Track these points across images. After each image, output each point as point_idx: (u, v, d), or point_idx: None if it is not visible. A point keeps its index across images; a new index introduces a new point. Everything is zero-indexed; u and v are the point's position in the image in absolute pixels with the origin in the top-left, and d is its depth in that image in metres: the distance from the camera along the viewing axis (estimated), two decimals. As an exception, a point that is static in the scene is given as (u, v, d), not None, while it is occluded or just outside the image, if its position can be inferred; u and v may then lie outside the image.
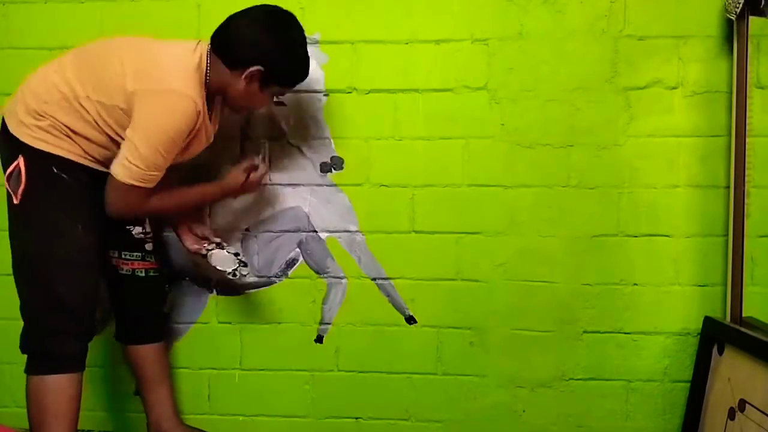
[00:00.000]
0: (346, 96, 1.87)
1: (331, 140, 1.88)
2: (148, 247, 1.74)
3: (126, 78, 1.45)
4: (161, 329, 1.82)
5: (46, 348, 1.51)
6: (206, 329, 1.93)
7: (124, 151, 1.45)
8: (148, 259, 1.74)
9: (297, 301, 1.91)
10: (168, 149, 1.47)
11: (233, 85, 1.53)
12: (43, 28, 1.90)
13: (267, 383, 1.93)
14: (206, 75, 1.52)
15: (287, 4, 1.85)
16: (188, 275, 1.93)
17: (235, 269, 1.73)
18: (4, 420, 1.92)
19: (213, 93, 1.56)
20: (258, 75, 1.52)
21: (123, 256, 1.71)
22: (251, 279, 1.91)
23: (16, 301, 1.53)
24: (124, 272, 1.71)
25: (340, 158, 1.88)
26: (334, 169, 1.89)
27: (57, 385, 1.50)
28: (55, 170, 1.49)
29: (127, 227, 1.69)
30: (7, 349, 1.55)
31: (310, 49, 1.63)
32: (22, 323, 1.53)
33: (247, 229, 1.91)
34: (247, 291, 1.92)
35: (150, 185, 1.50)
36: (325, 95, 1.87)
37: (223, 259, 1.73)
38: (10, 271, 1.51)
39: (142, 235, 1.72)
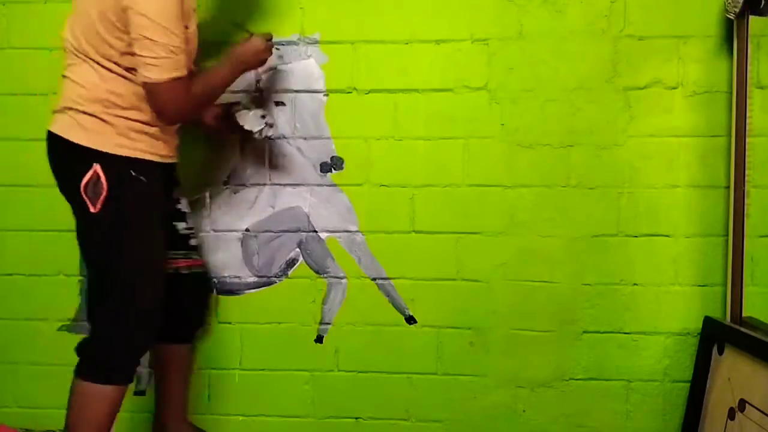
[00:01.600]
0: (346, 96, 1.87)
1: (331, 140, 1.88)
2: (193, 242, 1.74)
3: None
4: (199, 330, 1.82)
5: (115, 360, 1.49)
6: (206, 329, 1.93)
7: (141, 53, 1.42)
8: (193, 256, 1.73)
9: (297, 301, 1.91)
10: (174, 24, 1.43)
11: None
12: (43, 28, 1.90)
13: (267, 383, 1.93)
14: None
15: (287, 3, 1.86)
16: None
17: (262, 129, 1.70)
18: (4, 420, 1.92)
19: None
20: None
21: (168, 255, 1.67)
22: (251, 279, 1.91)
23: (16, 301, 1.53)
24: (170, 271, 1.66)
25: (340, 158, 1.88)
26: (334, 169, 1.89)
27: (109, 394, 1.49)
28: (134, 173, 1.48)
29: (173, 223, 1.68)
30: (7, 349, 1.54)
31: (311, 49, 1.63)
32: (23, 323, 1.53)
33: (247, 229, 1.91)
34: (247, 291, 1.92)
35: (184, 71, 1.46)
36: (325, 95, 1.87)
37: (251, 119, 1.69)
38: (10, 271, 1.52)
39: (187, 231, 1.72)
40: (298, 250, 1.90)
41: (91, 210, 1.46)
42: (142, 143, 1.50)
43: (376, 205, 1.87)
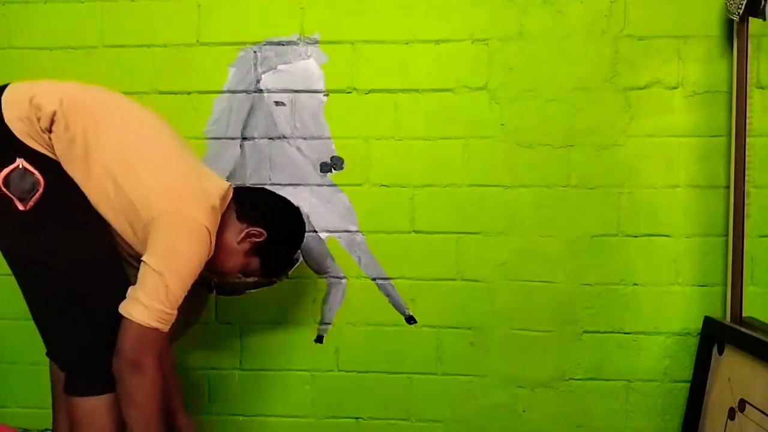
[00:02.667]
0: (346, 96, 1.87)
1: (331, 140, 1.88)
2: None
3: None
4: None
5: (104, 366, 1.35)
6: (206, 329, 1.93)
7: (141, 288, 1.30)
8: None
9: (297, 301, 1.91)
10: (189, 280, 1.34)
11: (226, 232, 1.47)
12: (43, 28, 1.90)
13: (267, 383, 1.93)
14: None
15: (287, 3, 1.86)
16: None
17: None
18: (4, 420, 1.92)
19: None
20: (255, 236, 1.50)
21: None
22: (251, 279, 1.91)
23: (16, 301, 1.52)
24: None
25: (340, 158, 1.88)
26: (334, 169, 1.89)
27: (113, 401, 1.38)
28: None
29: None
30: (7, 349, 1.54)
31: (311, 49, 1.63)
32: (23, 323, 1.52)
33: (247, 229, 1.91)
34: (247, 291, 1.92)
35: (167, 328, 1.33)
36: (325, 95, 1.87)
37: None
38: (10, 271, 1.51)
39: None
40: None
41: (21, 208, 1.32)
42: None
43: (376, 205, 1.87)
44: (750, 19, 1.68)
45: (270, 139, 1.89)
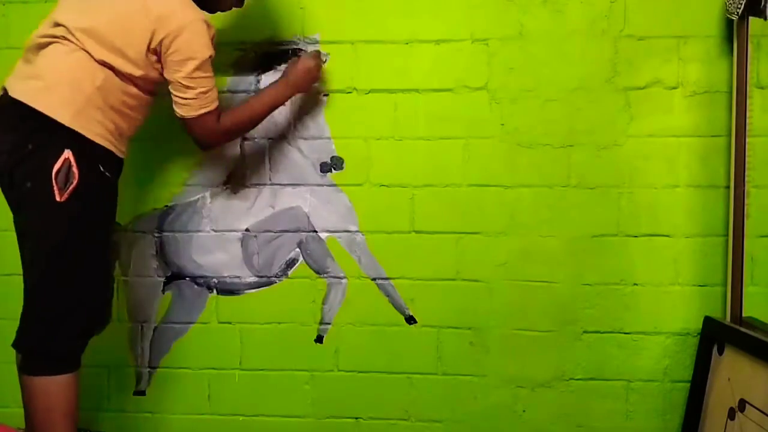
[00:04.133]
0: (346, 96, 1.87)
1: (331, 140, 1.88)
2: None
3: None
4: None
5: (63, 348, 1.49)
6: (206, 329, 1.93)
7: (178, 92, 1.53)
8: None
9: (297, 301, 1.91)
10: (208, 69, 1.54)
11: None
12: (43, 28, 1.90)
13: (267, 383, 1.93)
14: None
15: (287, 4, 1.86)
16: (188, 275, 1.93)
17: None
18: (4, 420, 1.92)
19: None
20: None
21: None
22: (251, 279, 1.91)
23: (17, 301, 1.52)
24: None
25: (340, 158, 1.88)
26: (334, 169, 1.89)
27: (66, 383, 1.49)
28: (102, 168, 1.48)
29: None
30: (7, 349, 1.54)
31: (311, 49, 1.63)
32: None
33: (247, 229, 1.91)
34: (247, 291, 1.92)
35: (212, 106, 1.57)
36: (325, 95, 1.87)
37: None
38: (10, 271, 1.51)
39: None
40: (298, 250, 1.90)
41: (57, 198, 1.42)
42: (114, 135, 1.51)
43: (376, 205, 1.87)
44: (750, 18, 1.68)
45: (270, 139, 1.89)
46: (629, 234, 1.83)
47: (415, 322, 1.88)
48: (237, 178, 1.91)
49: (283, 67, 1.86)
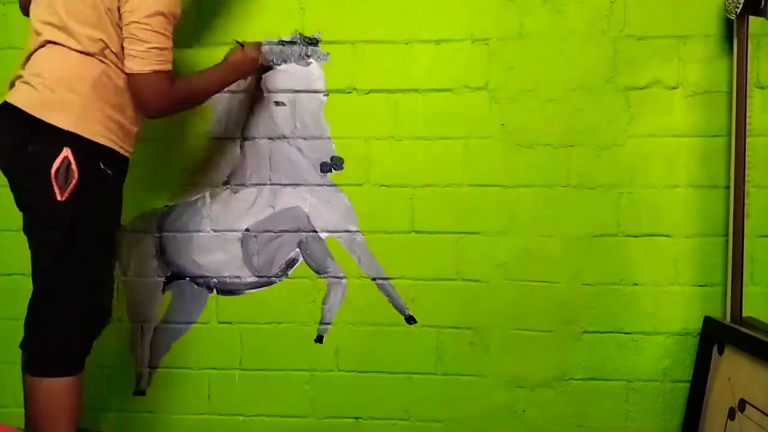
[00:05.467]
0: (346, 96, 1.87)
1: (331, 140, 1.88)
2: None
3: None
4: None
5: (70, 351, 1.49)
6: (206, 329, 1.93)
7: (131, 45, 1.43)
8: None
9: (297, 301, 1.91)
10: (167, 28, 1.46)
11: None
12: (43, 28, 1.89)
13: (267, 383, 1.93)
14: None
15: (287, 3, 1.87)
16: (188, 275, 1.93)
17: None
18: (4, 420, 1.92)
19: None
20: None
21: None
22: (251, 279, 1.91)
23: (17, 301, 1.52)
24: None
25: (340, 158, 1.88)
26: (334, 169, 1.89)
27: (71, 385, 1.49)
28: (102, 166, 1.47)
29: None
30: (7, 349, 1.54)
31: (311, 49, 1.63)
32: (22, 324, 1.52)
33: (247, 229, 1.91)
34: (247, 291, 1.92)
35: (169, 65, 1.48)
36: (325, 95, 1.87)
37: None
38: (10, 271, 1.51)
39: None
40: (298, 250, 1.90)
41: (59, 197, 1.42)
42: (116, 133, 1.49)
43: (376, 205, 1.87)
44: (750, 18, 1.68)
45: (270, 139, 1.89)
46: (629, 234, 1.83)
47: (415, 322, 1.88)
48: (237, 178, 1.91)
49: (283, 66, 1.86)
